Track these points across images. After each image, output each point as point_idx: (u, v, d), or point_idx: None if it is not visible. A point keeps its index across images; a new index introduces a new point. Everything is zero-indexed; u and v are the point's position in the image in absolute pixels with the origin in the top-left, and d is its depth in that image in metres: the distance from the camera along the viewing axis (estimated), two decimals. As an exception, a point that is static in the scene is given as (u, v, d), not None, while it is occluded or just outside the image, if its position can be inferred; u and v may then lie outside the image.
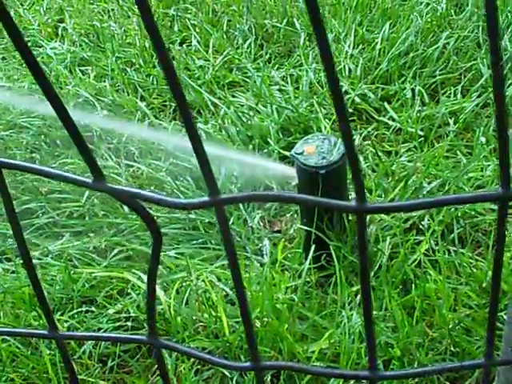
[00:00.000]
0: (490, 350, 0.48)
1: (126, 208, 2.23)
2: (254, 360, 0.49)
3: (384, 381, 0.47)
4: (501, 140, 0.38)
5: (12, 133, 2.61)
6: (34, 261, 2.10)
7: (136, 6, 0.33)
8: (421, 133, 2.41)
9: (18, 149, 2.53)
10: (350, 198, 2.11)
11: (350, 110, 2.54)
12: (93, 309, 1.96)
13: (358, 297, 1.86)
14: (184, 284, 1.93)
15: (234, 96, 2.68)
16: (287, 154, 2.28)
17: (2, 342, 1.86)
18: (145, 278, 1.96)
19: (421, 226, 2.08)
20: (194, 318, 1.87)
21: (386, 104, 2.54)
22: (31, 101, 2.64)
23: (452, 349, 1.75)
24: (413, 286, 1.88)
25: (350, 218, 2.05)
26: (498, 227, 0.42)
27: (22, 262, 1.67)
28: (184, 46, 3.03)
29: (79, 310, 1.96)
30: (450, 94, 2.55)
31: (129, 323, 1.91)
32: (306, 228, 1.96)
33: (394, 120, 2.47)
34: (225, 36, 3.02)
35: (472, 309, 1.84)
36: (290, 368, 0.53)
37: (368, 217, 2.06)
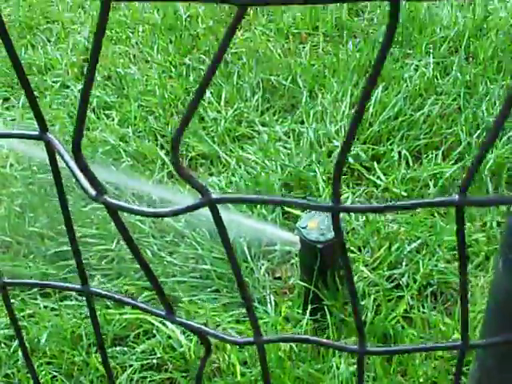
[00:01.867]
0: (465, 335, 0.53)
1: (149, 253, 2.61)
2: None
3: None
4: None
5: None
6: (73, 301, 2.48)
7: (154, 51, 0.50)
8: (404, 194, 2.79)
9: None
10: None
11: (344, 169, 2.91)
12: (124, 348, 2.34)
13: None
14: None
15: (242, 148, 3.04)
16: (290, 210, 2.66)
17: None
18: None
19: (400, 283, 2.47)
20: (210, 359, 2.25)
21: (375, 164, 2.91)
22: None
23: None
24: (392, 339, 2.27)
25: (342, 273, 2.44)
26: (457, 231, 0.48)
27: (63, 301, 2.03)
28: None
29: (113, 349, 2.33)
30: (432, 157, 2.92)
31: (154, 361, 2.30)
32: (304, 284, 2.34)
33: (381, 180, 2.85)
34: (235, 89, 3.37)
35: (437, 360, 2.23)
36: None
37: (356, 276, 2.45)
